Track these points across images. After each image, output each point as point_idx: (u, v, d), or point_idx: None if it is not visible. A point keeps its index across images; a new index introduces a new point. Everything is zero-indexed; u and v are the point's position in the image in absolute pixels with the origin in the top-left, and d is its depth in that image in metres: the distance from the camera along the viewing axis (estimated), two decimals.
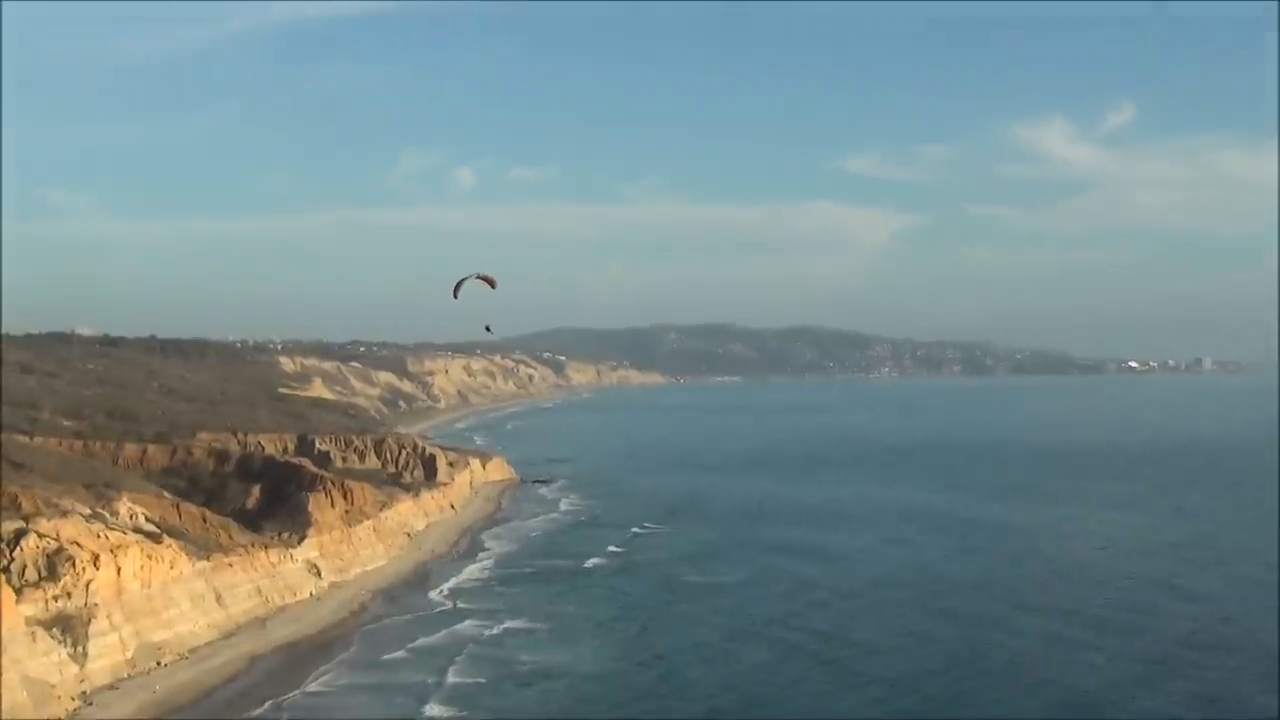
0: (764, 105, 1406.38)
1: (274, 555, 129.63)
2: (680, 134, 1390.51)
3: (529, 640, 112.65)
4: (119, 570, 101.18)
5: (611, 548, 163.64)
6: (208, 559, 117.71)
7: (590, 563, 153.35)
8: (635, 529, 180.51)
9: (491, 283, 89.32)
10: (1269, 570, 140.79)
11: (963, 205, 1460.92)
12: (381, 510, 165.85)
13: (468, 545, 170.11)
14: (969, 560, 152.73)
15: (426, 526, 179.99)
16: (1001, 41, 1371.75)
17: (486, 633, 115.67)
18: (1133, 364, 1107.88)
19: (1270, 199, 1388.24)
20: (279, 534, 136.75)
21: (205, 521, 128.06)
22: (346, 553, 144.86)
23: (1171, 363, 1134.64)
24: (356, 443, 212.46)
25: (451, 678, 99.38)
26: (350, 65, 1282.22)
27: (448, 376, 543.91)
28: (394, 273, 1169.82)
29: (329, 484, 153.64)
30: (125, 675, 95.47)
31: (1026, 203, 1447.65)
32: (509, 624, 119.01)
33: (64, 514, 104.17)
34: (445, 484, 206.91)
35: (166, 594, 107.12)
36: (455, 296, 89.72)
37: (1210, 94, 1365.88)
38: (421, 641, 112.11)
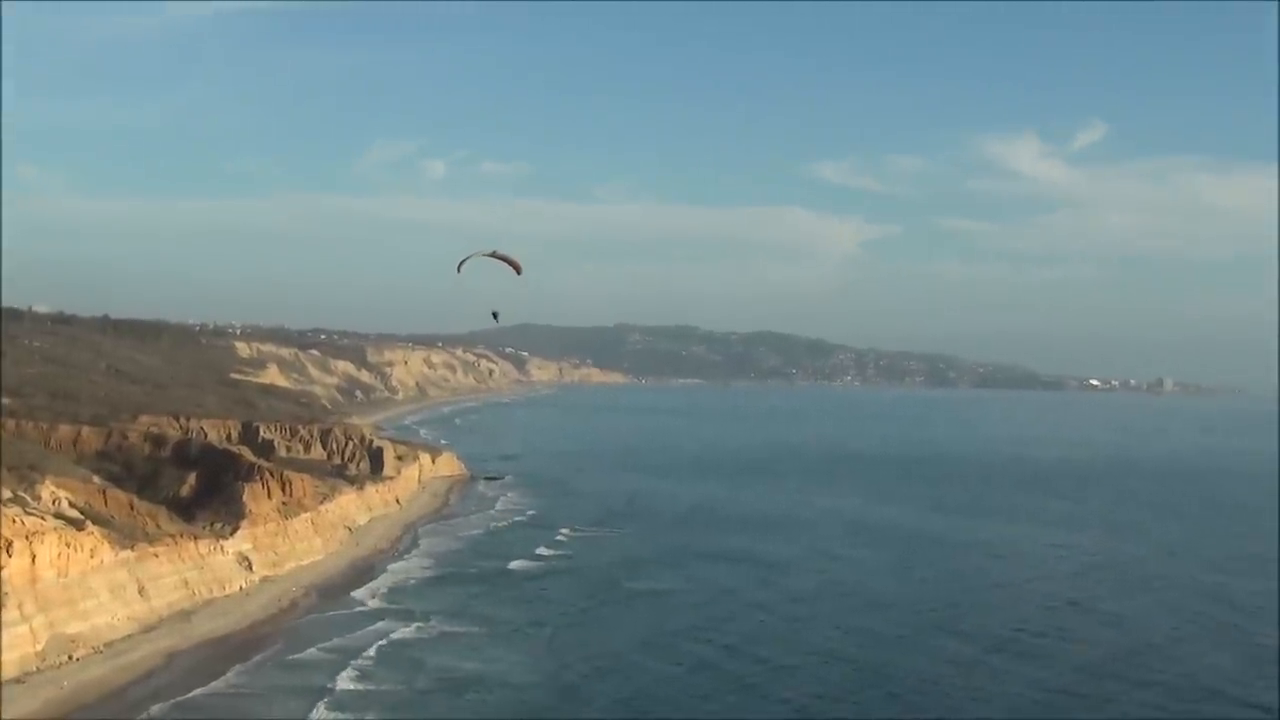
0: (738, 109, 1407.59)
1: (204, 546, 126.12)
2: (653, 135, 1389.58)
3: (446, 645, 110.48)
4: (34, 558, 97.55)
5: (548, 550, 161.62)
6: (132, 548, 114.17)
7: (523, 565, 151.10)
8: (577, 530, 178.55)
9: (516, 266, 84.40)
10: (1200, 598, 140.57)
11: (932, 217, 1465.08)
12: (322, 503, 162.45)
13: (409, 542, 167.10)
14: (898, 576, 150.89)
15: (369, 521, 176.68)
16: (976, 55, 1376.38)
17: (403, 635, 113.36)
18: (1094, 382, 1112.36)
19: (1236, 224, 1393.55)
20: (211, 524, 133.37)
21: (133, 509, 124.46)
22: (281, 546, 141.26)
23: (1133, 382, 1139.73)
24: (303, 432, 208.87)
25: (349, 683, 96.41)
26: (324, 51, 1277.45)
27: (407, 368, 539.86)
28: (360, 261, 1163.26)
29: (266, 474, 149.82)
30: (34, 669, 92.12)
31: (996, 217, 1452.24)
32: (430, 626, 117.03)
33: None
34: (392, 478, 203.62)
35: (85, 584, 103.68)
36: (459, 271, 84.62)
37: (1182, 117, 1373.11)
38: (336, 641, 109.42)
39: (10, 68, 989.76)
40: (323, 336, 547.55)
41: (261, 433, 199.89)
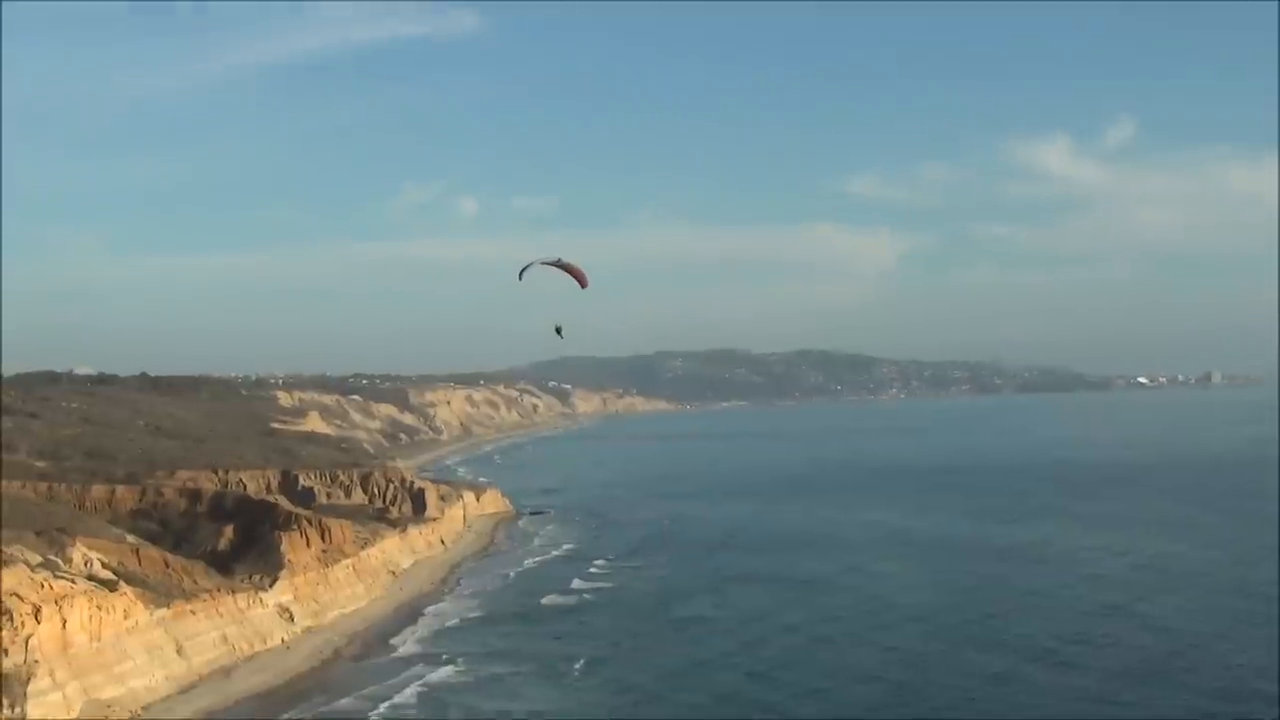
0: (763, 128, 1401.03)
1: (242, 600, 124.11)
2: (679, 158, 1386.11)
3: (481, 686, 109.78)
4: (64, 623, 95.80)
5: (583, 583, 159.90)
6: (168, 606, 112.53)
7: (559, 600, 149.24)
8: (613, 562, 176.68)
9: (579, 278, 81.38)
10: (1243, 596, 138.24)
11: (966, 224, 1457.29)
12: (363, 548, 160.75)
13: (452, 583, 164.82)
14: (935, 589, 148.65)
15: (413, 564, 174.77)
16: (1000, 58, 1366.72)
17: (441, 678, 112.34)
18: (1141, 379, 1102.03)
19: (1269, 211, 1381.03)
20: (249, 576, 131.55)
21: (167, 566, 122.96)
22: (323, 595, 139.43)
23: (1180, 377, 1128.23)
24: (342, 477, 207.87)
25: None
26: (349, 98, 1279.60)
27: (450, 408, 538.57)
28: (397, 304, 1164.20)
29: (304, 522, 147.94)
30: None
31: (1030, 221, 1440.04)
32: (467, 668, 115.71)
33: (4, 563, 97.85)
34: (435, 519, 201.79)
35: (119, 646, 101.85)
36: (520, 279, 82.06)
37: (1211, 107, 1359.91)
38: (374, 689, 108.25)
39: (37, 133, 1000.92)
40: (364, 381, 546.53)
41: (301, 481, 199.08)
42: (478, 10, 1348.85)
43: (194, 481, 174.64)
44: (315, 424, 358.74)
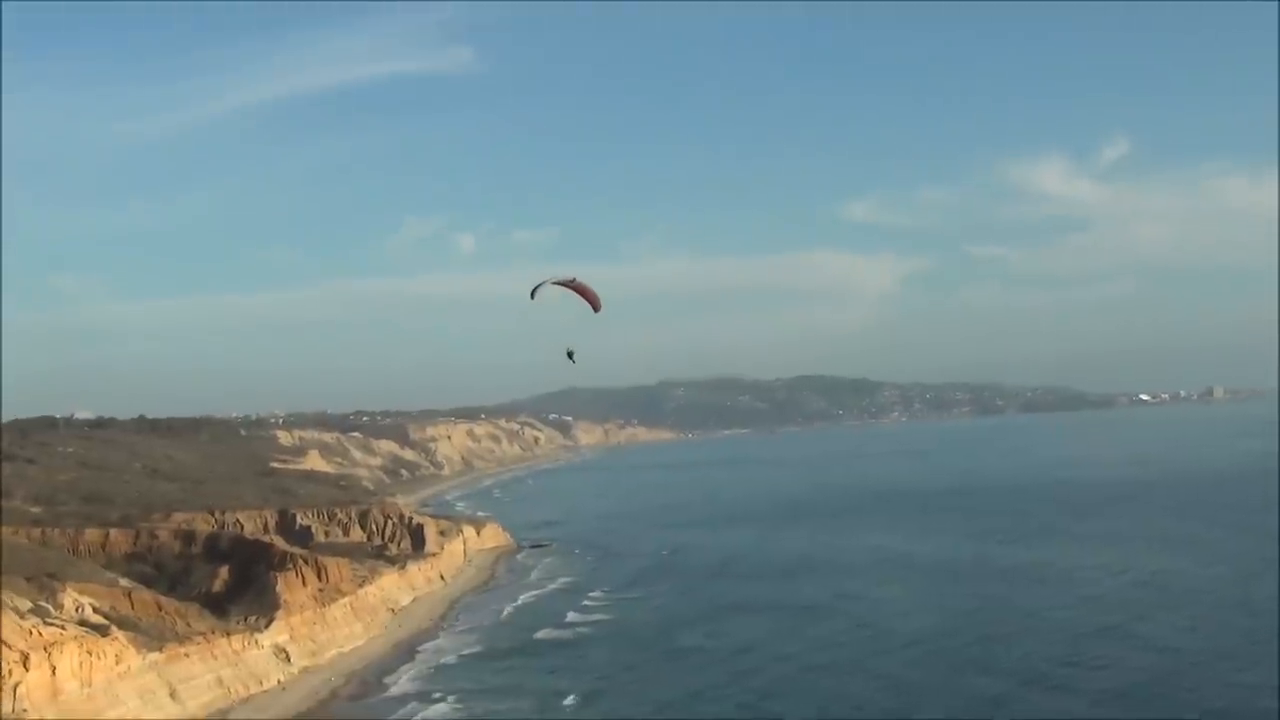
0: (761, 156, 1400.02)
1: (237, 641, 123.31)
2: (679, 190, 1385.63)
3: None
4: (53, 670, 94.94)
5: (579, 616, 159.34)
6: (160, 650, 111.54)
7: (554, 634, 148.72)
8: (610, 594, 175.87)
9: (591, 300, 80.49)
10: (1242, 613, 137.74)
11: (965, 246, 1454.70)
12: (361, 586, 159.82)
13: (451, 619, 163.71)
14: (933, 613, 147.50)
15: (412, 600, 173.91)
16: (995, 80, 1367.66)
17: (435, 715, 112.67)
18: (1144, 396, 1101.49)
19: (1265, 226, 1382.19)
20: (245, 618, 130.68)
21: (161, 609, 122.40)
22: (320, 634, 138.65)
23: (1183, 393, 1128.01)
24: (340, 515, 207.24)
25: None
26: (347, 136, 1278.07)
27: (451, 442, 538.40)
28: (397, 340, 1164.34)
29: (300, 561, 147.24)
30: None
31: (1028, 241, 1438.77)
32: (462, 704, 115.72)
33: None
34: (434, 554, 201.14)
35: (111, 692, 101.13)
36: (532, 298, 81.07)
37: (1207, 122, 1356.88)
38: None
39: (37, 180, 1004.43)
40: (365, 418, 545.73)
41: (298, 520, 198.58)
42: (475, 46, 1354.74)
43: (190, 523, 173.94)
44: (315, 462, 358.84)
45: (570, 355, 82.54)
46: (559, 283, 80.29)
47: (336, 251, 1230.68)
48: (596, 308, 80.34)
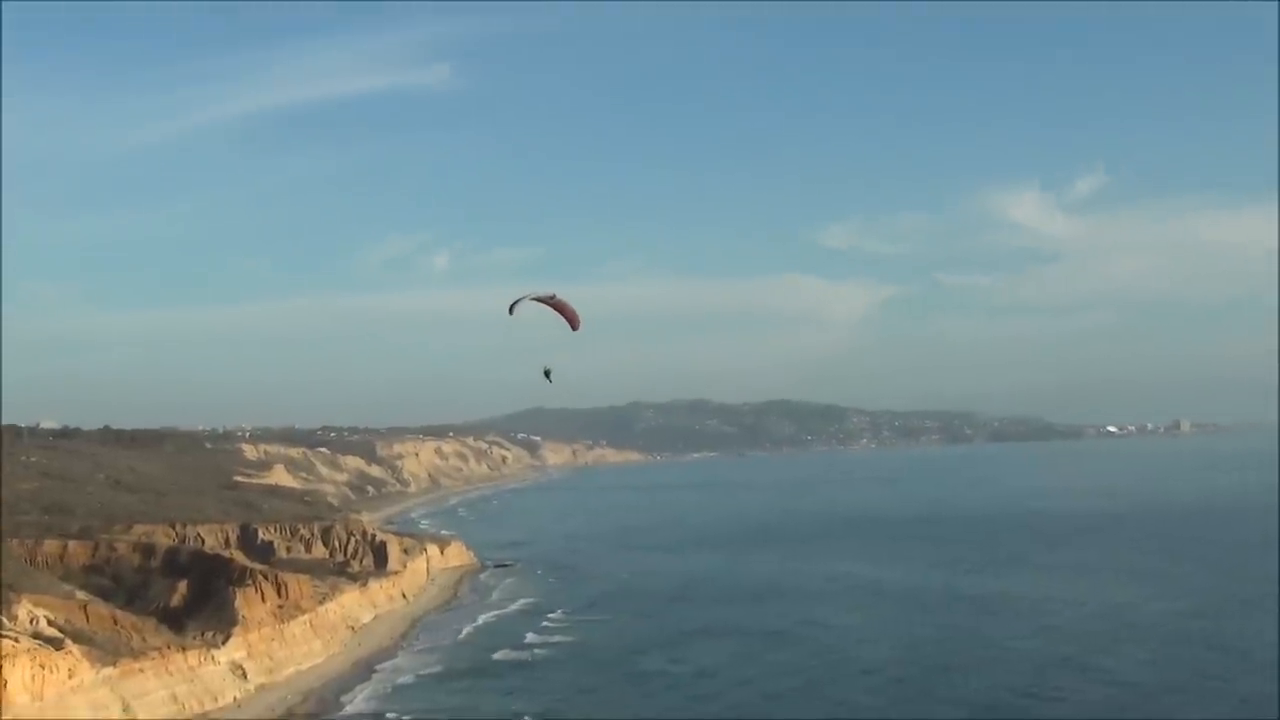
0: (740, 180, 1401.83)
1: (193, 657, 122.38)
2: (657, 210, 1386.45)
3: None
4: (4, 683, 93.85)
5: (537, 637, 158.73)
6: (115, 664, 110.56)
7: (512, 655, 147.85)
8: (570, 615, 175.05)
9: (570, 318, 79.86)
10: (1199, 646, 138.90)
11: (939, 275, 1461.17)
12: (321, 603, 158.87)
13: (412, 638, 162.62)
14: (892, 641, 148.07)
15: (373, 618, 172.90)
16: (973, 109, 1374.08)
17: None
18: (1111, 428, 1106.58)
19: (1243, 261, 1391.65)
20: (202, 633, 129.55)
21: (117, 623, 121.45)
22: (278, 651, 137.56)
23: (1150, 426, 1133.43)
24: (303, 531, 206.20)
25: None
26: (325, 151, 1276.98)
27: (418, 460, 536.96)
28: (369, 356, 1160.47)
29: (259, 577, 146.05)
30: None
31: (1003, 270, 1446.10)
32: None
33: None
34: (397, 572, 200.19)
35: (63, 706, 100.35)
36: (511, 313, 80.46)
37: (1182, 156, 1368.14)
38: None
39: (20, 189, 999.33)
40: (332, 434, 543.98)
41: (260, 535, 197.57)
42: (456, 63, 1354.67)
43: (150, 536, 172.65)
44: (280, 477, 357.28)
45: (547, 374, 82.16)
46: (538, 299, 79.85)
47: (313, 266, 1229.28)
48: (575, 325, 79.99)
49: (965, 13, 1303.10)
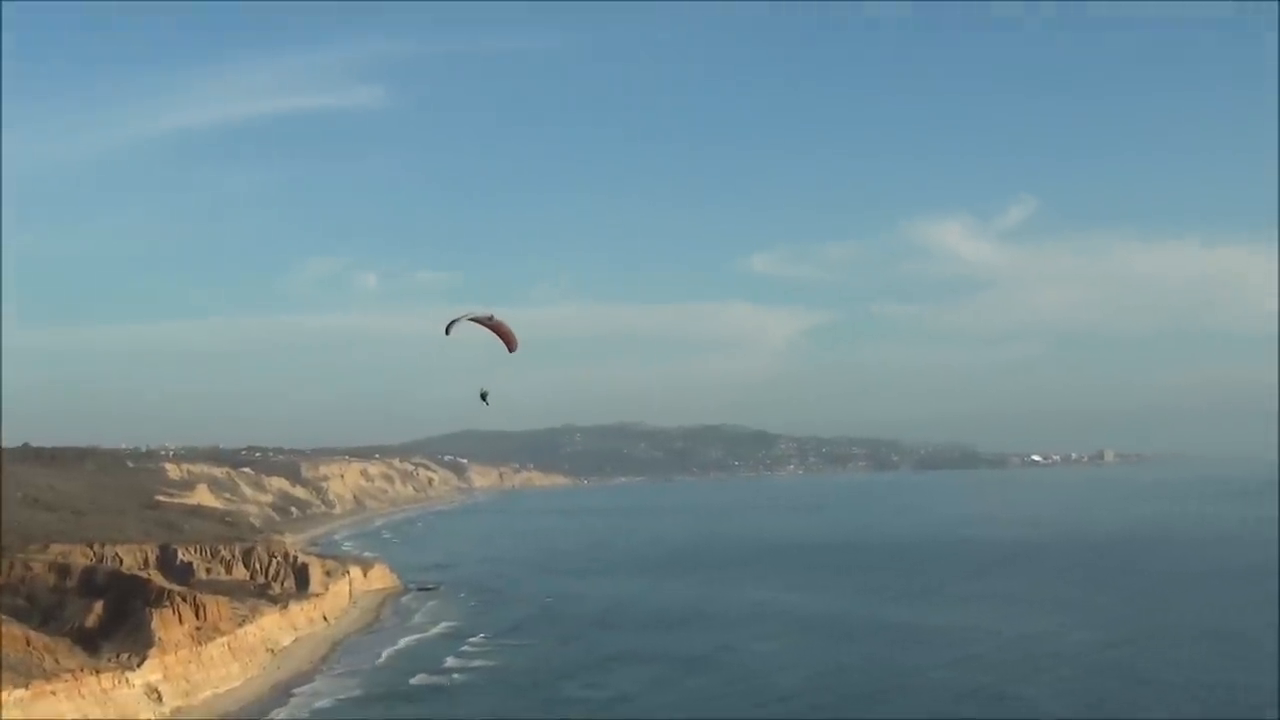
0: (667, 207, 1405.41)
1: (107, 680, 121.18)
2: (586, 234, 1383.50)
3: None
4: None
5: (456, 661, 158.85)
6: (26, 687, 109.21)
7: (428, 680, 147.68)
8: (491, 640, 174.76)
9: (507, 339, 79.07)
10: (1106, 675, 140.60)
11: (869, 303, 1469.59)
12: (240, 625, 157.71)
13: (335, 661, 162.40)
14: (810, 669, 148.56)
15: (293, 641, 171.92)
16: (902, 137, 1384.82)
17: None
18: (1036, 457, 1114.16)
19: (1167, 294, 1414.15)
20: (117, 655, 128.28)
21: (29, 644, 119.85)
22: (195, 674, 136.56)
23: (1075, 455, 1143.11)
24: (224, 552, 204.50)
25: None
26: (257, 168, 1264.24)
27: (344, 481, 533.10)
28: (295, 376, 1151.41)
29: (177, 599, 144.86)
30: None
31: (932, 299, 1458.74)
32: None
33: None
34: (319, 594, 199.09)
35: None
36: (447, 334, 79.41)
37: (1109, 189, 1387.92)
38: None
39: None
40: (257, 454, 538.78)
41: (180, 555, 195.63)
42: (388, 85, 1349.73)
43: (67, 556, 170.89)
44: (203, 497, 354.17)
45: (484, 396, 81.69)
46: (476, 319, 79.41)
47: (240, 284, 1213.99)
48: (512, 347, 79.79)
49: (894, 45, 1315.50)
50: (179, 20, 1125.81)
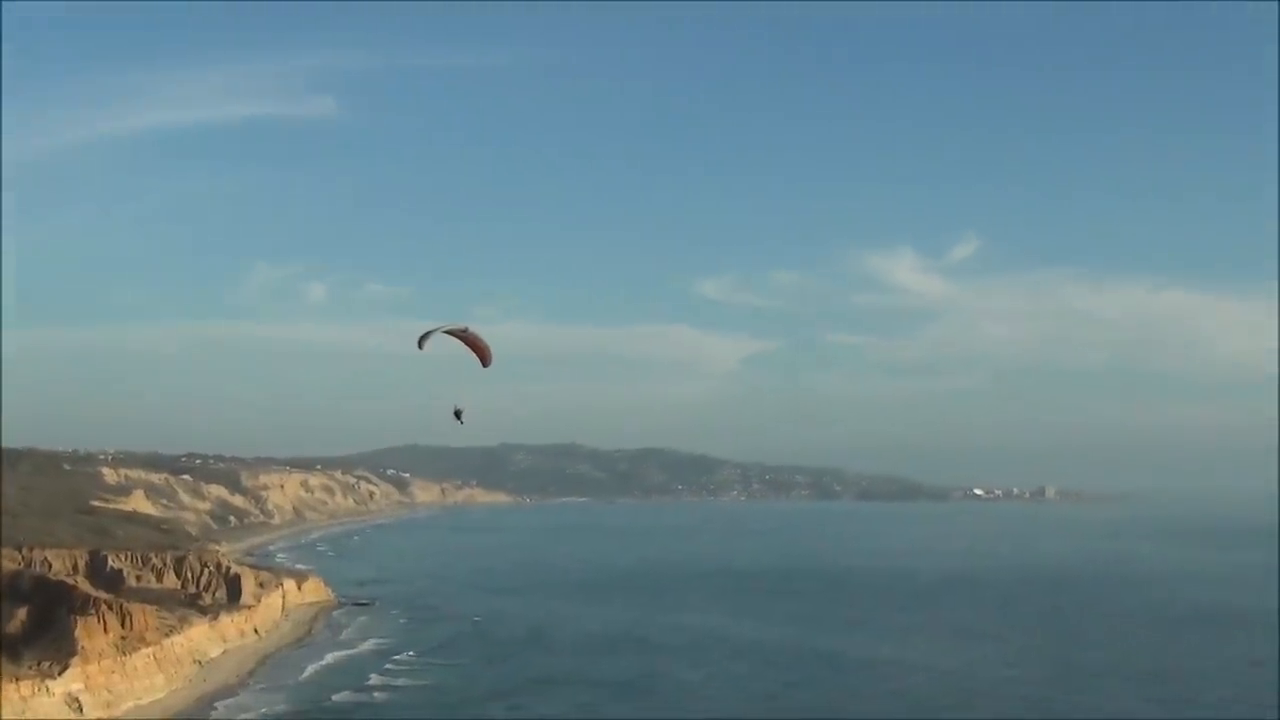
0: (617, 230, 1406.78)
1: (26, 688, 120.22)
2: (533, 255, 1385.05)
3: None
4: None
5: (380, 679, 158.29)
6: None
7: (351, 698, 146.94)
8: (419, 659, 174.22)
9: (481, 354, 78.16)
10: (1033, 709, 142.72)
11: (814, 332, 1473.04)
12: (168, 636, 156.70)
13: (262, 675, 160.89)
14: (737, 696, 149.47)
15: (222, 653, 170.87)
16: (851, 170, 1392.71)
17: None
18: (978, 491, 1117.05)
19: (1109, 331, 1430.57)
20: (38, 663, 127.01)
21: None
22: (118, 684, 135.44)
23: (1016, 490, 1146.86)
24: (155, 560, 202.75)
25: None
26: (206, 175, 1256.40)
27: (283, 492, 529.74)
28: (238, 384, 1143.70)
29: (103, 606, 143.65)
30: None
31: (877, 330, 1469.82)
32: None
33: None
34: (250, 606, 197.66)
35: None
36: (420, 347, 78.61)
37: (1052, 229, 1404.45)
38: None
39: None
40: (197, 461, 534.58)
41: (110, 562, 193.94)
42: (339, 97, 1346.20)
43: None
44: (139, 503, 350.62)
45: (458, 414, 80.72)
46: (450, 332, 78.60)
47: (185, 290, 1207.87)
48: (486, 361, 79.06)
49: (842, 77, 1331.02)
50: (127, 24, 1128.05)
